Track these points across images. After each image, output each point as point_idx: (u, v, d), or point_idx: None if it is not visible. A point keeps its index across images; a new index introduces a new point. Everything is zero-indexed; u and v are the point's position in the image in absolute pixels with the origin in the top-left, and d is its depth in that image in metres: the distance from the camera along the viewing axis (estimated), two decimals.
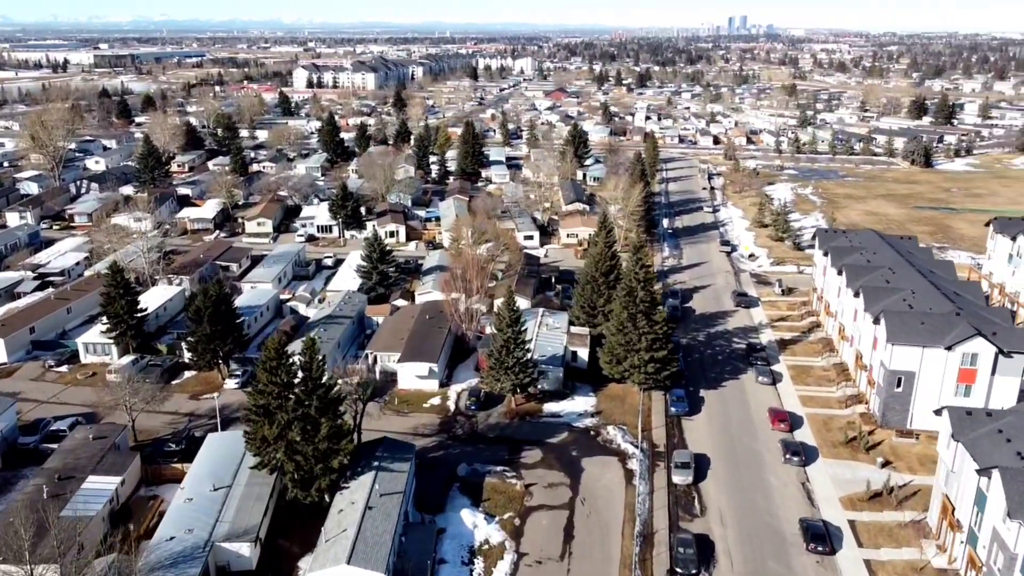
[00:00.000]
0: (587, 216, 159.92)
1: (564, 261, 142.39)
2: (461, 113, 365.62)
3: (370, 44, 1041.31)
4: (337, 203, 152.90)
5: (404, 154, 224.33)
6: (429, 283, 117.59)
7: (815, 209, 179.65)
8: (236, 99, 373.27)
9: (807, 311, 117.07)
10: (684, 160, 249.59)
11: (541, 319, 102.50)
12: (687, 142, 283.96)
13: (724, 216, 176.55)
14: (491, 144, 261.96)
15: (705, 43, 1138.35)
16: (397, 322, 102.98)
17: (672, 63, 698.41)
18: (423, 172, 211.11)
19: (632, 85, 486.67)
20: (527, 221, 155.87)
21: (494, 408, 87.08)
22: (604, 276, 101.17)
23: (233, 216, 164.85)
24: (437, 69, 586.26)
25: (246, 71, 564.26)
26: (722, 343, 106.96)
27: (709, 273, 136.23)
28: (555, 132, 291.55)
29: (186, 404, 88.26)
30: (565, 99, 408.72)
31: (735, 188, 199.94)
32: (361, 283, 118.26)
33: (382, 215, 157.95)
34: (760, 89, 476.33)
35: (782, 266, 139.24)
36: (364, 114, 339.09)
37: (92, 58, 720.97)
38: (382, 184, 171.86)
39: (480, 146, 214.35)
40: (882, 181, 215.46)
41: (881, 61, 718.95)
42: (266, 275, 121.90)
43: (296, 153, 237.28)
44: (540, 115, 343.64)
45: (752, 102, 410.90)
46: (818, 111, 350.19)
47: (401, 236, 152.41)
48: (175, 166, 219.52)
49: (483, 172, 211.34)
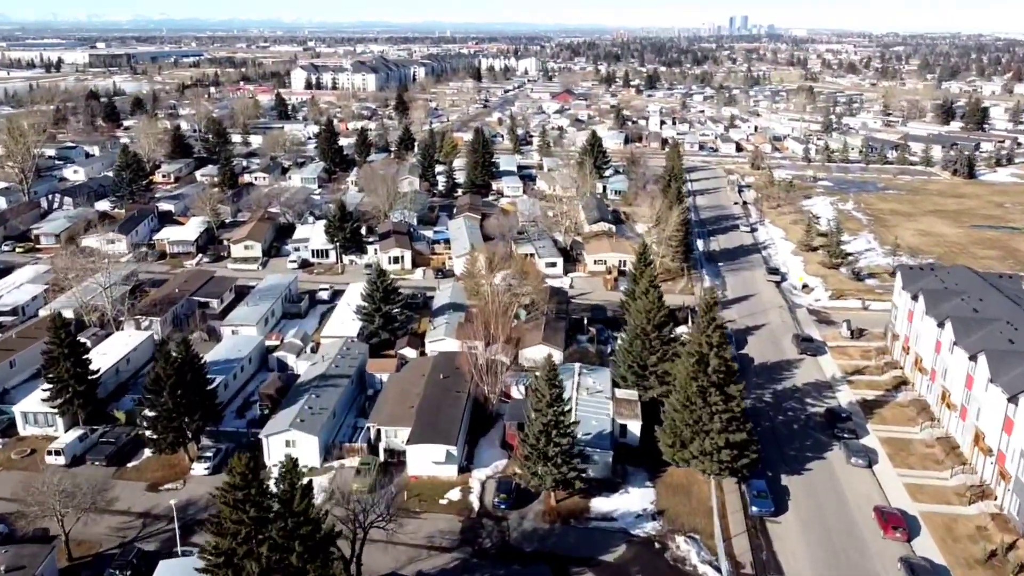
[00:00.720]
0: (615, 238, 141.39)
1: (593, 293, 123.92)
2: (466, 116, 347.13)
3: (370, 44, 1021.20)
4: (334, 224, 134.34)
5: (408, 163, 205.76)
6: (441, 328, 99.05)
7: (863, 228, 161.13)
8: (230, 101, 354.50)
9: (886, 362, 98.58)
10: (707, 169, 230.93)
11: (579, 379, 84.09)
12: (707, 149, 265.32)
13: (763, 237, 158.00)
14: (500, 151, 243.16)
15: (708, 43, 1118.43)
16: (405, 382, 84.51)
17: (679, 64, 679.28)
18: (429, 184, 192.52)
19: (641, 87, 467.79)
20: (548, 245, 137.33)
21: (529, 506, 68.67)
22: (657, 329, 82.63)
23: (218, 237, 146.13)
24: (439, 70, 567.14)
25: (243, 71, 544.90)
26: (794, 405, 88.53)
27: (760, 309, 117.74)
28: (567, 138, 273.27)
29: (142, 498, 69.73)
30: (574, 101, 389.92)
31: (770, 203, 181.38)
32: (361, 326, 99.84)
33: (385, 237, 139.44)
34: (774, 91, 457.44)
35: (843, 300, 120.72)
36: (364, 117, 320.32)
37: (87, 57, 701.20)
38: (384, 200, 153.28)
39: (490, 155, 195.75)
40: (926, 195, 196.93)
41: (890, 62, 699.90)
42: (250, 316, 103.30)
43: (292, 161, 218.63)
44: (549, 119, 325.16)
45: (768, 105, 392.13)
46: (840, 115, 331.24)
47: (406, 262, 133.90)
48: (159, 176, 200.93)
49: (493, 184, 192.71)
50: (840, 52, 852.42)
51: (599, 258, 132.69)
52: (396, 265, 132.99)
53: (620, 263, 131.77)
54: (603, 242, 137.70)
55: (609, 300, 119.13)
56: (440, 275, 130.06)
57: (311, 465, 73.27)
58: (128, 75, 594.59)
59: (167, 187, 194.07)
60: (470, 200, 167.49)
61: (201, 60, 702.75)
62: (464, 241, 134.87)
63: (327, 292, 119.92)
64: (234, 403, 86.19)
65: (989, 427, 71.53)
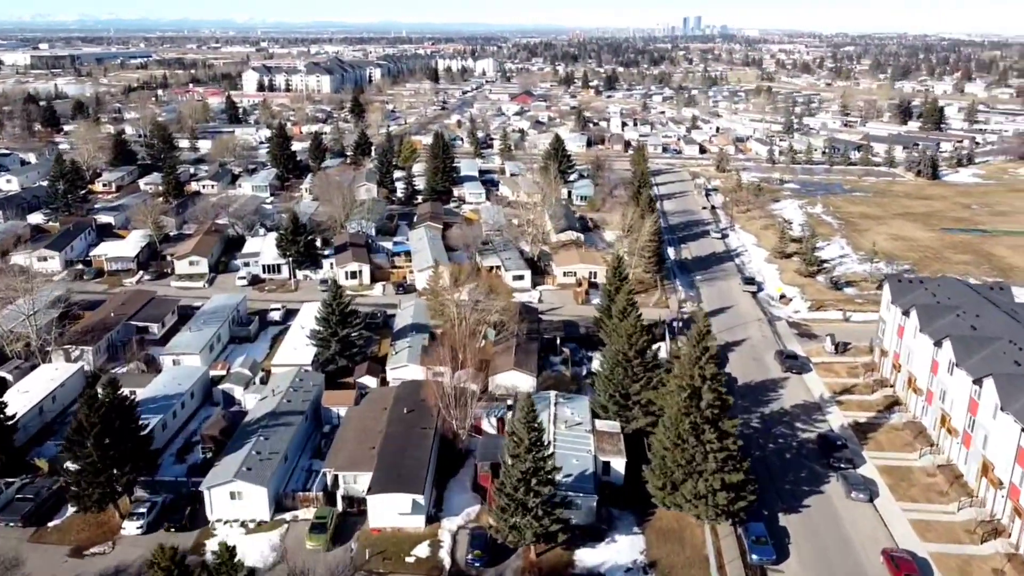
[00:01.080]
0: (585, 248, 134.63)
1: (563, 307, 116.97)
2: (424, 118, 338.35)
3: (325, 44, 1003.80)
4: (286, 237, 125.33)
5: (365, 169, 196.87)
6: (404, 352, 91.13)
7: (834, 233, 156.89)
8: (178, 105, 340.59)
9: (876, 379, 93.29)
10: (672, 172, 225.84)
11: (555, 410, 76.98)
12: (671, 151, 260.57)
13: (735, 243, 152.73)
14: (460, 155, 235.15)
15: (663, 43, 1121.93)
16: (365, 418, 76.50)
17: (636, 64, 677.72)
18: (387, 191, 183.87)
19: (600, 88, 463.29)
20: (514, 256, 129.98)
21: (506, 562, 61.28)
22: (639, 355, 75.82)
23: (161, 252, 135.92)
24: (396, 71, 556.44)
25: (192, 73, 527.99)
26: (784, 431, 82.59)
27: (739, 322, 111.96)
28: (528, 141, 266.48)
29: (62, 568, 60.75)
30: (533, 103, 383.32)
31: (739, 207, 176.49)
32: (316, 352, 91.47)
33: (341, 250, 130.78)
34: (732, 91, 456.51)
35: (823, 312, 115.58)
36: (319, 120, 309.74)
37: (28, 59, 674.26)
38: (340, 209, 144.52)
39: (451, 160, 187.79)
40: (893, 196, 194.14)
41: (843, 62, 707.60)
42: (194, 343, 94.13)
43: (242, 168, 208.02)
44: (509, 121, 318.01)
45: (728, 106, 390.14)
46: (800, 116, 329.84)
47: (365, 277, 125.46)
48: (100, 186, 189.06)
49: (455, 191, 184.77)
50: (792, 52, 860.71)
51: (568, 270, 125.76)
52: (354, 280, 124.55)
53: (591, 275, 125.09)
54: (572, 252, 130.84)
55: (581, 315, 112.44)
56: (401, 290, 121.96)
57: (259, 519, 65.05)
58: (72, 77, 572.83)
59: (108, 197, 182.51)
60: (431, 208, 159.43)
61: (149, 61, 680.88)
62: (426, 253, 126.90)
63: (279, 312, 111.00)
64: (174, 444, 77.32)
65: (999, 457, 66.14)
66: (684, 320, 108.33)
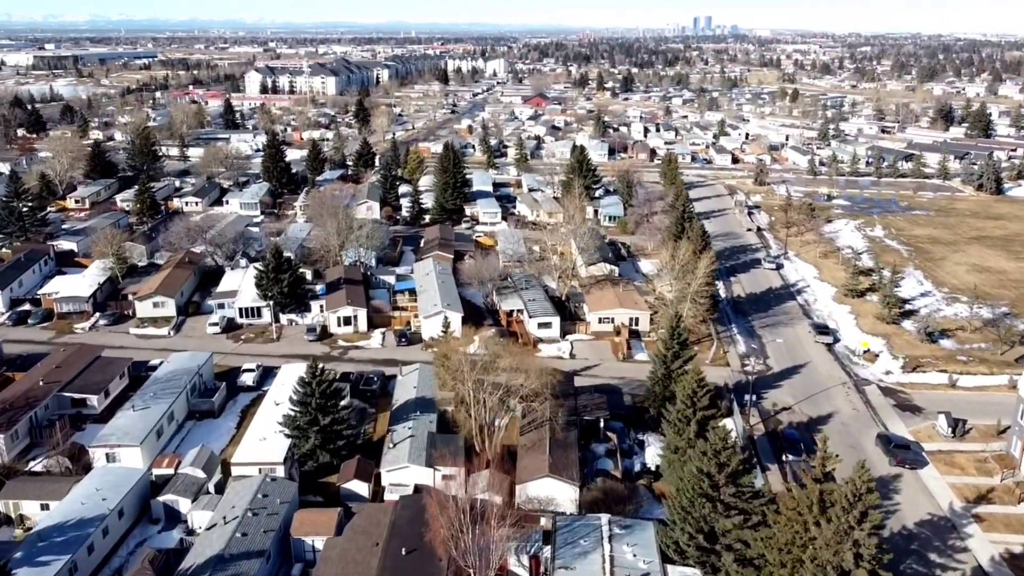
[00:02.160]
0: (622, 286, 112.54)
1: (601, 365, 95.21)
2: (433, 123, 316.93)
3: (333, 45, 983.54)
4: (267, 275, 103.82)
5: (367, 184, 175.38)
6: (404, 446, 69.41)
7: (905, 262, 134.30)
8: (174, 108, 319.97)
9: (1018, 481, 71.16)
10: (705, 185, 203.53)
11: (610, 547, 55.22)
12: (700, 160, 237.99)
13: (793, 276, 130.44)
14: (471, 165, 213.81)
15: (675, 43, 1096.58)
16: (348, 559, 54.96)
17: (650, 65, 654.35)
18: (391, 209, 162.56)
19: (617, 90, 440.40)
20: (539, 297, 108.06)
21: None
22: (731, 480, 53.93)
23: (122, 289, 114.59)
24: (404, 72, 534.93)
25: (195, 74, 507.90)
26: (918, 570, 60.54)
27: (819, 388, 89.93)
28: (545, 149, 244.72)
29: None
30: (548, 106, 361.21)
31: (790, 230, 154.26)
32: (291, 443, 69.93)
33: (334, 288, 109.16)
34: (755, 94, 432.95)
35: (922, 374, 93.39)
36: (321, 126, 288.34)
37: (31, 59, 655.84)
38: (335, 236, 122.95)
39: (462, 175, 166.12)
40: (959, 216, 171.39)
41: (862, 63, 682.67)
42: (136, 429, 72.52)
43: (233, 181, 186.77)
44: (523, 126, 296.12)
45: (752, 109, 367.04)
46: (834, 121, 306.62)
47: (361, 323, 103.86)
48: (72, 202, 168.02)
49: (467, 209, 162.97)
50: (808, 53, 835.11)
51: (605, 315, 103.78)
52: (348, 328, 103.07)
53: (631, 321, 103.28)
54: (608, 292, 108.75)
55: (623, 376, 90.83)
56: (404, 341, 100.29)
57: None
58: (73, 78, 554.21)
59: (82, 214, 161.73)
60: (440, 233, 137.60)
61: (153, 62, 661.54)
62: (434, 294, 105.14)
63: (253, 373, 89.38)
64: None
65: None
66: (752, 385, 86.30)
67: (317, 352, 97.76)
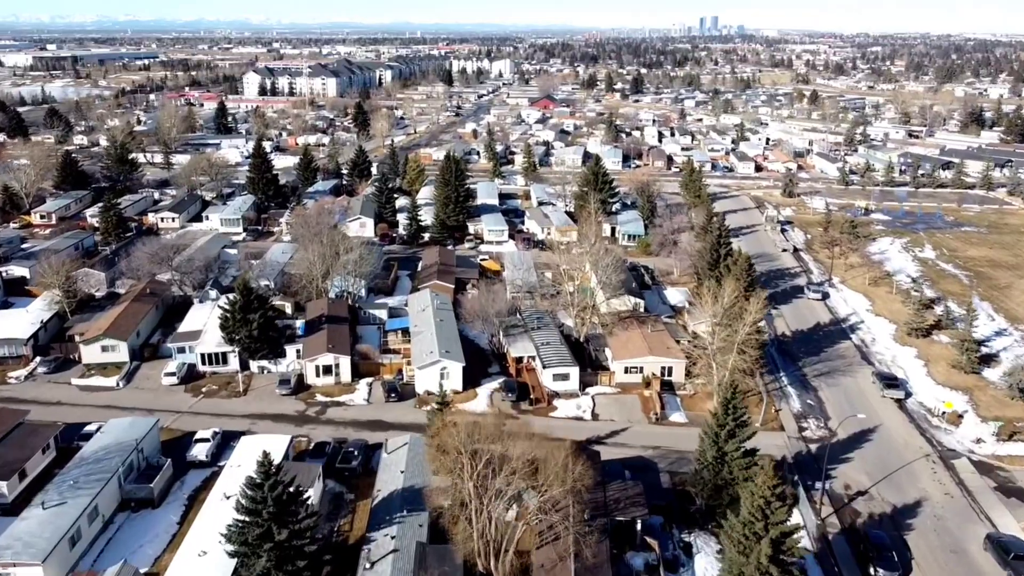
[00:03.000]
0: (651, 325, 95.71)
1: (630, 428, 78.48)
2: (436, 127, 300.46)
3: (338, 45, 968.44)
4: (234, 316, 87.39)
5: (361, 197, 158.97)
6: (386, 570, 52.83)
7: (965, 290, 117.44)
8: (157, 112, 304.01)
9: None
10: (729, 196, 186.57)
11: None
12: (720, 168, 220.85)
13: (842, 308, 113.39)
14: (476, 173, 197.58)
15: (682, 43, 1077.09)
16: None
17: (659, 65, 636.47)
18: (387, 226, 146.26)
19: (627, 91, 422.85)
20: (554, 340, 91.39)
21: None
22: None
23: (69, 328, 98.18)
24: (407, 72, 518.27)
25: (193, 75, 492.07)
26: None
27: (898, 460, 73.07)
28: (554, 155, 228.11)
29: None
30: (556, 108, 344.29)
31: (829, 250, 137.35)
32: (237, 562, 53.38)
33: (314, 328, 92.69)
34: (770, 95, 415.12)
35: (1018, 442, 76.40)
36: (318, 130, 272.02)
37: (30, 60, 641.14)
38: (319, 265, 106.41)
39: (465, 188, 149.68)
40: (1013, 233, 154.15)
41: (876, 63, 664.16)
42: (39, 539, 55.73)
43: (217, 192, 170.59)
44: (531, 130, 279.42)
45: (768, 112, 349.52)
46: (857, 124, 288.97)
47: (344, 373, 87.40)
48: (36, 217, 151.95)
49: (470, 225, 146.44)
50: (818, 53, 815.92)
51: (632, 363, 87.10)
52: (328, 378, 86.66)
53: (664, 371, 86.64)
54: (635, 335, 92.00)
55: (658, 445, 74.29)
56: (394, 395, 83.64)
57: None
58: (71, 79, 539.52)
59: (47, 230, 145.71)
60: (439, 257, 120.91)
61: (154, 63, 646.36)
62: (430, 338, 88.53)
63: (208, 444, 72.75)
64: None
65: None
66: (820, 460, 69.55)
67: (290, 410, 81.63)
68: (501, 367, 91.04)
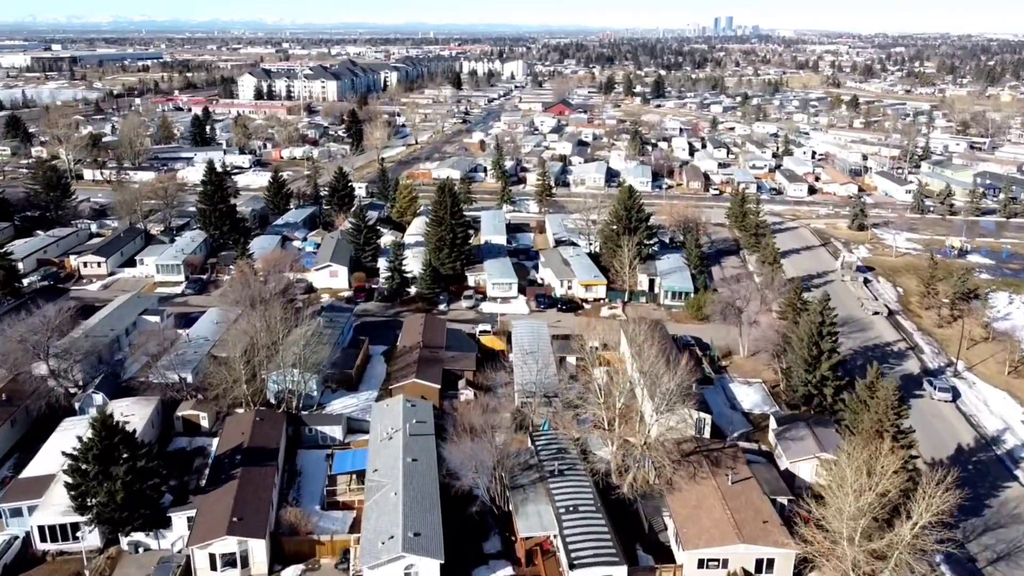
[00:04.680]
0: (729, 467, 62.40)
1: None
2: (441, 135, 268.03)
3: (348, 45, 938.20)
4: (87, 466, 55.05)
5: (336, 235, 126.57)
6: None
7: None
8: (152, 117, 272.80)
9: None
10: (785, 229, 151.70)
11: None
12: (766, 190, 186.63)
13: (985, 416, 79.76)
14: (482, 196, 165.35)
15: (697, 44, 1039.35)
16: None
17: (678, 67, 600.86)
18: (364, 275, 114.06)
19: (648, 95, 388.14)
20: (586, 503, 58.17)
21: None
22: None
23: None
24: (415, 74, 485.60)
25: (188, 77, 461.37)
26: None
27: None
28: (572, 172, 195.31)
29: None
30: (572, 115, 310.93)
31: (938, 314, 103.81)
32: None
33: (216, 481, 60.19)
34: (802, 100, 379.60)
35: None
36: (308, 141, 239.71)
37: (28, 61, 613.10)
38: (239, 364, 73.89)
39: (464, 225, 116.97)
40: None
41: (905, 65, 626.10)
42: None
43: (165, 225, 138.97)
44: (545, 140, 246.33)
45: (804, 119, 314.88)
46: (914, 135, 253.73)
47: (256, 563, 54.80)
48: None
49: (470, 276, 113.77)
50: (839, 53, 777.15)
51: (712, 555, 54.15)
52: (232, 572, 54.21)
53: (761, 565, 53.70)
54: (709, 494, 58.84)
55: None
56: None
57: None
58: (65, 80, 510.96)
59: None
60: (423, 333, 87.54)
61: (154, 64, 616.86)
62: (391, 506, 55.66)
63: None
64: None
65: None
66: None
67: None
68: (503, 541, 58.49)
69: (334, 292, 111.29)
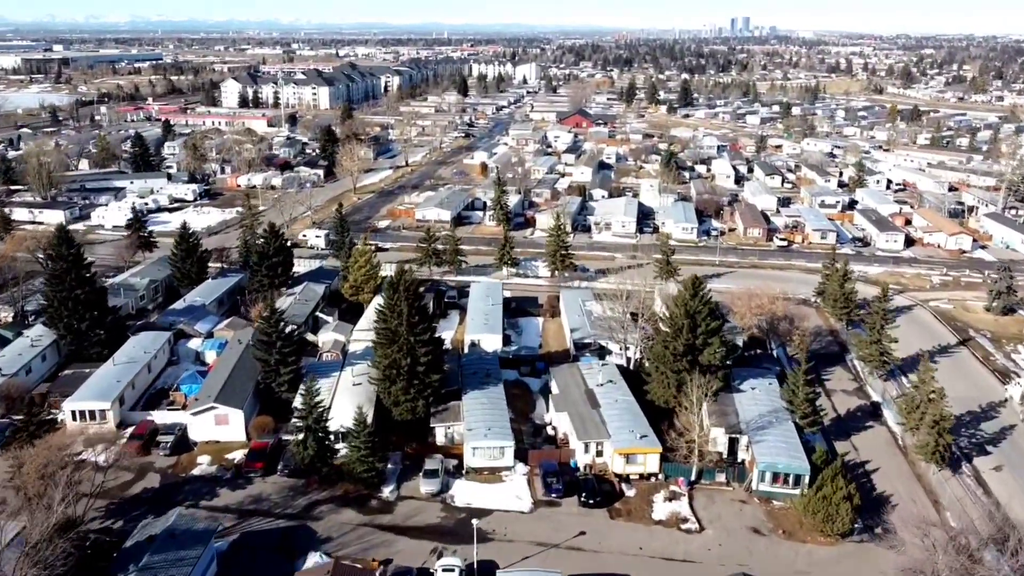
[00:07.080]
0: None
1: None
2: (439, 153, 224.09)
3: (359, 46, 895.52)
4: None
5: (249, 333, 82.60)
6: None
7: None
8: (106, 130, 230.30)
9: None
10: (892, 308, 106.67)
11: None
12: (846, 239, 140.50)
13: None
14: (476, 246, 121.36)
15: (716, 45, 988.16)
16: None
17: (701, 70, 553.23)
18: (270, 421, 70.06)
19: (674, 103, 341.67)
20: None
21: None
22: None
23: None
24: (419, 78, 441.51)
25: (174, 82, 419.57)
26: None
27: None
28: (595, 212, 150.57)
29: None
30: (591, 129, 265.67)
31: None
32: None
33: None
34: (848, 110, 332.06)
35: None
36: (278, 164, 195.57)
37: (18, 62, 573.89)
38: None
39: (430, 341, 72.70)
40: None
41: (944, 69, 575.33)
42: None
43: (16, 310, 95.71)
44: (559, 163, 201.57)
45: (855, 132, 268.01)
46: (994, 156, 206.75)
47: None
48: None
49: (438, 427, 69.54)
50: (865, 55, 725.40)
51: None
52: None
53: None
54: None
55: None
56: None
57: None
58: (49, 84, 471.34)
59: None
60: None
61: (146, 66, 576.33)
62: None
63: None
64: None
65: None
66: None
67: None
68: None
69: (219, 453, 67.72)
